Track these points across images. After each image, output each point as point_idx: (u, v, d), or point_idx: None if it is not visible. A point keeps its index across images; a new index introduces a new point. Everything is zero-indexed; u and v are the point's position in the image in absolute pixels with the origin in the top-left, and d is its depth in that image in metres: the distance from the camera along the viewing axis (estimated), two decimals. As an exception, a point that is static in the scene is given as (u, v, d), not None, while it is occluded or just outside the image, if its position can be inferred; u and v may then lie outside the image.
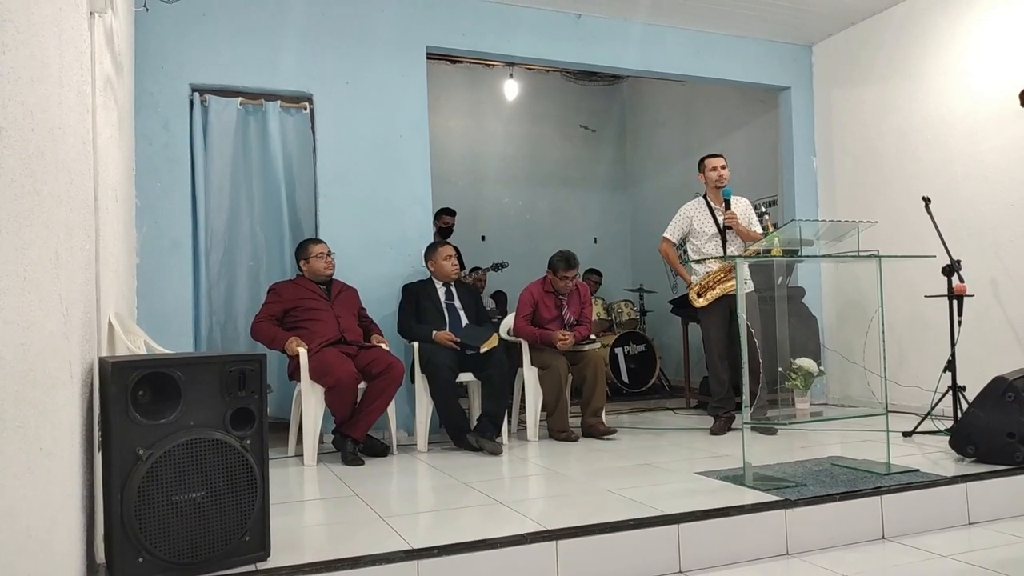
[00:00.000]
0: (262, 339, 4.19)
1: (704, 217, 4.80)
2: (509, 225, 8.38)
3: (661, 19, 5.62)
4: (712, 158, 4.85)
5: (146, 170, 4.31)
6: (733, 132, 7.25)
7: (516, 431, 4.88)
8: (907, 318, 5.30)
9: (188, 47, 4.47)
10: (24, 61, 1.38)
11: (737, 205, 4.74)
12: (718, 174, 4.77)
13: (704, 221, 4.79)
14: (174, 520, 2.07)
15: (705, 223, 4.78)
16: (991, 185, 4.85)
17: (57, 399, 1.66)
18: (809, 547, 2.75)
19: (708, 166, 4.82)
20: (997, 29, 4.82)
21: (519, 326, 4.77)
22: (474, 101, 8.42)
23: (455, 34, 5.18)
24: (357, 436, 4.04)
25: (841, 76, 5.98)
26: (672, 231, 4.91)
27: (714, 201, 4.80)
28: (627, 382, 6.91)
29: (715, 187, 4.77)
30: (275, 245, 4.79)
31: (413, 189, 4.99)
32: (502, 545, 2.40)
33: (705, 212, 4.81)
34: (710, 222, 4.77)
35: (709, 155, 4.89)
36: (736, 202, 4.75)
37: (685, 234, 4.87)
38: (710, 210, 4.80)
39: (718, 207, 4.77)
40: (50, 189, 1.59)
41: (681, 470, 3.56)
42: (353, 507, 3.02)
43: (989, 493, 3.12)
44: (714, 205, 4.80)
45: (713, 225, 4.76)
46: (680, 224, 4.88)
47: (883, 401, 3.51)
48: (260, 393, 2.28)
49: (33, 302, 1.42)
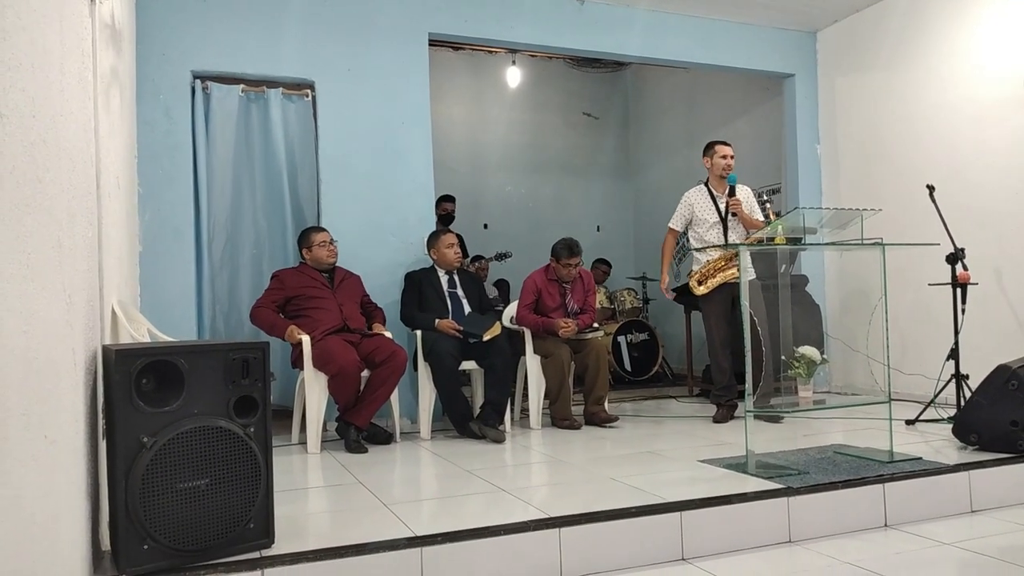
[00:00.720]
0: (261, 325, 4.19)
1: (706, 204, 4.78)
2: (512, 213, 8.37)
3: (665, 6, 5.58)
4: (722, 145, 4.79)
5: (148, 157, 4.30)
6: (737, 120, 7.21)
7: (519, 419, 4.89)
8: (911, 306, 5.29)
9: (190, 34, 4.45)
10: (25, 48, 1.37)
11: (740, 193, 4.73)
12: (727, 162, 4.73)
13: (706, 209, 4.77)
14: (178, 507, 2.07)
15: (707, 211, 4.76)
16: (996, 172, 4.83)
17: (61, 387, 1.67)
18: (812, 535, 2.75)
19: (718, 152, 4.76)
20: (1003, 15, 4.78)
21: (522, 314, 4.77)
22: (476, 88, 8.39)
23: (457, 21, 5.15)
24: (360, 424, 4.05)
25: (845, 63, 5.94)
26: (676, 220, 4.89)
27: (716, 188, 4.78)
28: (630, 370, 6.92)
29: (721, 174, 4.73)
30: (277, 233, 4.78)
31: (415, 177, 4.98)
32: (505, 532, 2.40)
33: (707, 199, 4.79)
34: (712, 210, 4.75)
35: (719, 141, 4.84)
36: (739, 190, 4.73)
37: (688, 222, 4.85)
38: (712, 197, 4.78)
39: (720, 194, 4.75)
40: (52, 176, 1.58)
41: (684, 458, 3.56)
42: (356, 494, 3.03)
43: (992, 481, 3.12)
44: (716, 192, 4.77)
45: (715, 213, 4.74)
46: (683, 212, 4.86)
47: (886, 389, 3.51)
48: (263, 381, 2.29)
49: (36, 290, 1.42)
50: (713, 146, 4.82)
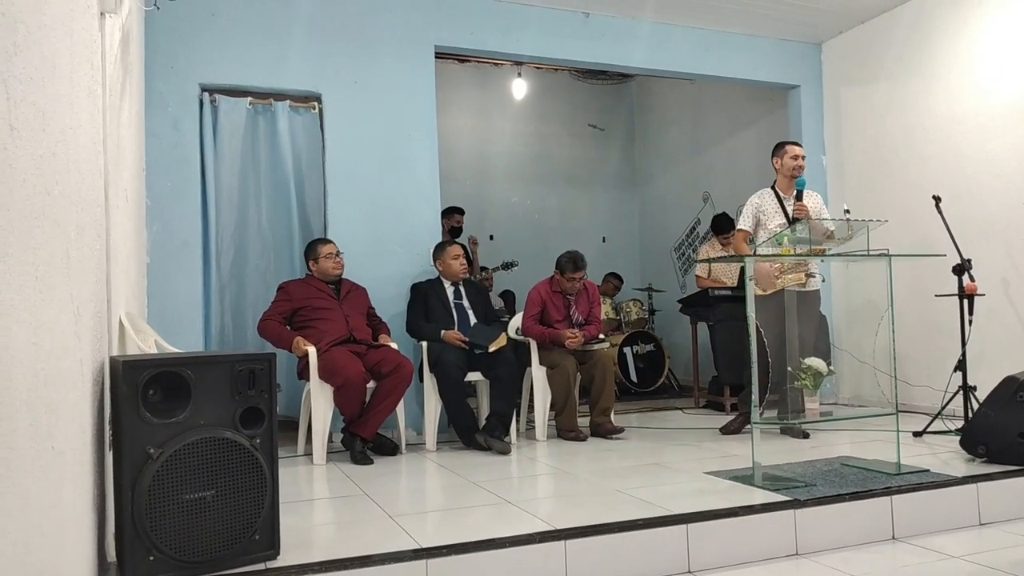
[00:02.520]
0: (268, 337, 4.20)
1: (773, 208, 4.51)
2: (517, 224, 8.38)
3: (670, 17, 5.61)
4: (793, 145, 4.56)
5: (156, 170, 4.33)
6: (742, 131, 7.22)
7: (525, 430, 4.88)
8: (917, 318, 5.27)
9: (198, 47, 4.49)
10: (35, 62, 1.38)
11: (809, 199, 4.47)
12: (798, 163, 4.46)
13: (772, 213, 4.50)
14: (184, 519, 2.08)
15: (773, 214, 4.49)
16: (1002, 183, 4.82)
17: (69, 398, 1.67)
18: (819, 547, 2.74)
19: (788, 153, 4.51)
20: (1007, 26, 4.79)
21: (527, 325, 4.77)
22: (482, 100, 8.42)
23: (463, 33, 5.18)
24: (366, 435, 4.05)
25: (851, 74, 5.95)
26: (744, 221, 4.59)
27: (783, 191, 4.54)
28: (635, 382, 6.91)
29: (791, 175, 4.47)
30: (284, 244, 4.80)
31: (421, 188, 4.99)
32: (511, 544, 2.40)
33: (774, 202, 4.53)
34: (778, 212, 4.48)
35: (790, 141, 4.64)
36: (808, 196, 4.47)
37: (756, 223, 4.58)
38: (779, 200, 4.53)
39: (787, 197, 4.49)
40: (61, 189, 1.59)
41: (690, 470, 3.55)
42: (362, 506, 3.03)
43: (1000, 494, 3.10)
44: (783, 196, 4.53)
45: (782, 216, 4.46)
46: (750, 212, 4.56)
47: (893, 401, 3.49)
48: (270, 392, 2.29)
49: (45, 301, 1.43)
50: (784, 146, 4.58)
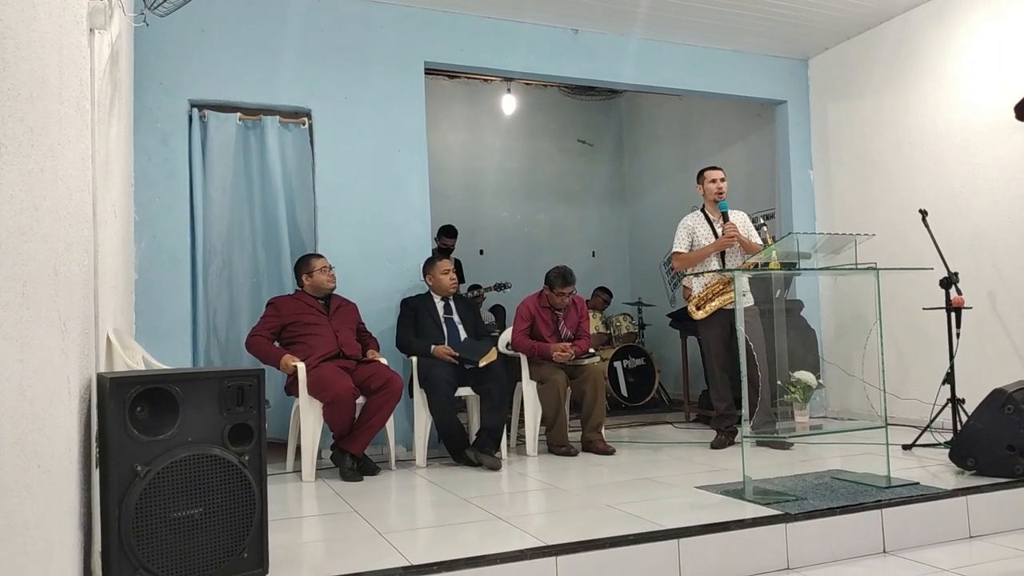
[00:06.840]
0: (255, 353, 4.18)
1: (704, 230, 4.80)
2: (508, 239, 8.39)
3: (658, 34, 5.66)
4: (712, 170, 4.86)
5: (145, 185, 4.32)
6: (730, 146, 7.27)
7: (515, 446, 4.87)
8: (905, 331, 5.30)
9: (187, 63, 4.49)
10: (24, 78, 1.38)
11: (735, 218, 4.76)
12: (717, 187, 4.78)
13: (704, 234, 4.79)
14: (172, 537, 2.06)
15: (705, 235, 4.78)
16: (988, 197, 4.87)
17: (55, 415, 1.66)
18: (810, 561, 2.74)
19: (708, 178, 4.83)
20: (992, 42, 4.85)
21: (516, 340, 4.77)
22: (472, 116, 8.45)
23: (453, 50, 5.20)
24: (356, 452, 4.02)
25: (837, 89, 6.01)
26: (679, 243, 4.84)
27: (711, 214, 4.82)
28: (626, 396, 6.90)
29: (713, 200, 4.79)
30: (274, 260, 4.78)
31: (412, 204, 5.00)
32: (502, 561, 2.39)
33: (705, 225, 4.81)
34: (710, 234, 4.77)
35: (709, 167, 4.90)
36: (734, 215, 4.77)
37: (691, 244, 4.82)
38: (709, 222, 4.80)
39: (716, 219, 4.79)
40: (49, 205, 1.59)
41: (681, 484, 3.55)
42: (352, 523, 3.01)
43: (990, 506, 3.11)
44: (712, 217, 4.81)
45: (713, 237, 4.76)
46: (685, 235, 4.83)
47: (882, 414, 3.50)
48: (258, 409, 2.28)
49: (31, 317, 1.42)
50: (703, 173, 4.89)
